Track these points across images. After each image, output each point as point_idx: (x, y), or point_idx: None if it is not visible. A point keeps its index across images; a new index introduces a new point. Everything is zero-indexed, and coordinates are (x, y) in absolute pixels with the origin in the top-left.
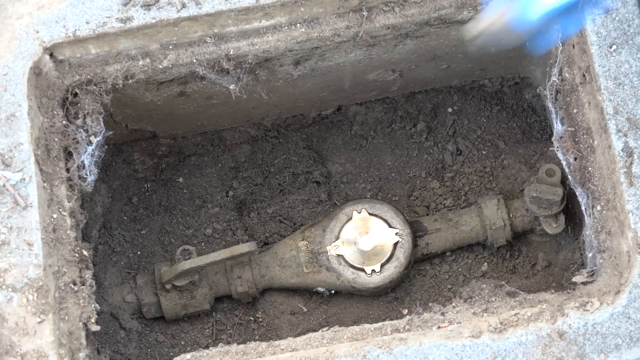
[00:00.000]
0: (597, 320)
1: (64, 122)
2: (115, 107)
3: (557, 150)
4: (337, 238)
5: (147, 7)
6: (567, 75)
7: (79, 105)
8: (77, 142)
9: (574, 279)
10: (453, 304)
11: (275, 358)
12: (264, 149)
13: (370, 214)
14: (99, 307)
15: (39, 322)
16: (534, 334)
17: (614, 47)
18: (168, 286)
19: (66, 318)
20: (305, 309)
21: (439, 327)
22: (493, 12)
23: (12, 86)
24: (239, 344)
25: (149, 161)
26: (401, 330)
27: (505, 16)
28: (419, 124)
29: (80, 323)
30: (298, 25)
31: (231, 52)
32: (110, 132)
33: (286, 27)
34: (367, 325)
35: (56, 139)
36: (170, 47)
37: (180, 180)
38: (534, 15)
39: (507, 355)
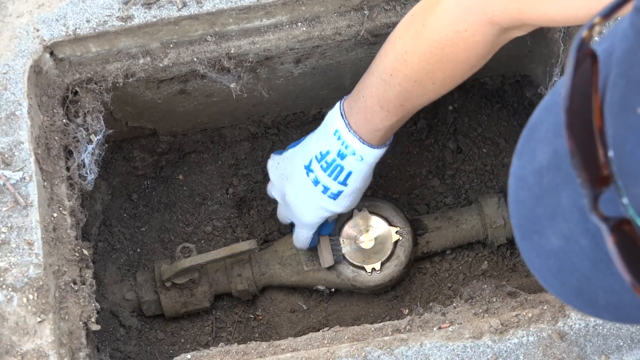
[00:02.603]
0: (598, 321)
1: (64, 120)
2: (115, 105)
3: None
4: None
5: (147, 5)
6: None
7: (79, 103)
8: (77, 141)
9: None
10: (454, 304)
11: (276, 358)
12: (264, 146)
13: (370, 212)
14: (99, 307)
15: (39, 322)
16: (535, 335)
17: None
18: (168, 284)
19: (66, 317)
20: (305, 307)
21: (439, 328)
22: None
23: (12, 85)
24: (238, 342)
25: (149, 158)
26: (402, 330)
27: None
28: (419, 122)
29: (81, 322)
30: (299, 24)
31: (232, 51)
32: (111, 130)
33: (287, 26)
34: (367, 326)
35: (56, 138)
36: (171, 45)
37: (180, 177)
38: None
39: (508, 356)
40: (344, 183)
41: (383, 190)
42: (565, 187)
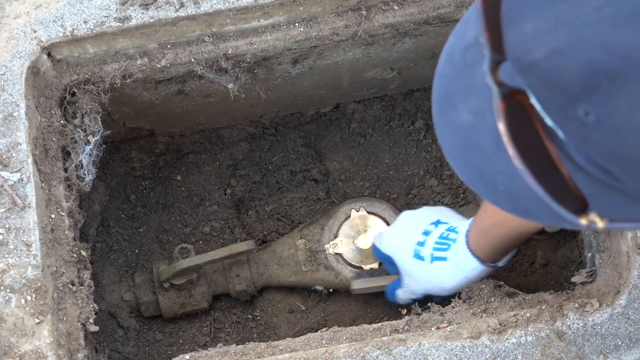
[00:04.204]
0: (596, 321)
1: (61, 121)
2: (113, 106)
3: None
4: (336, 236)
5: (145, 6)
6: None
7: (77, 104)
8: (75, 142)
9: (573, 279)
10: (452, 304)
11: (274, 358)
12: (262, 146)
13: (368, 212)
14: (97, 308)
15: (38, 323)
16: (533, 335)
17: None
18: (166, 285)
19: (65, 319)
20: (303, 308)
21: (438, 328)
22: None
23: (10, 86)
24: (237, 342)
25: (147, 159)
26: (400, 330)
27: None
28: (417, 122)
29: (79, 323)
30: (297, 24)
31: (229, 51)
32: (108, 131)
33: (285, 26)
34: (366, 326)
35: (54, 139)
36: (169, 46)
37: (178, 178)
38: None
39: (507, 356)
40: (432, 258)
41: (381, 190)
42: (483, 64)
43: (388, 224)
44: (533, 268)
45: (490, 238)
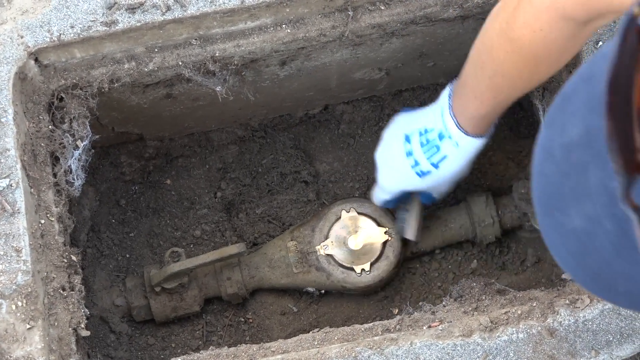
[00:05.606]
0: (587, 317)
1: (50, 127)
2: (101, 110)
3: None
4: (326, 238)
5: (131, 10)
6: None
7: (65, 109)
8: (64, 147)
9: (563, 276)
10: (443, 303)
11: None
12: (252, 149)
13: (359, 213)
14: (88, 312)
15: (29, 329)
16: (524, 332)
17: (600, 43)
18: (157, 289)
19: (56, 324)
20: (295, 309)
21: (429, 327)
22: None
23: None
24: (229, 345)
25: (136, 164)
26: (392, 330)
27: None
28: None
29: (70, 328)
30: (283, 25)
31: (217, 54)
32: (97, 136)
33: (272, 28)
34: (357, 326)
35: (42, 144)
36: (156, 49)
37: (168, 182)
38: None
39: (498, 353)
40: (435, 165)
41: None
42: (594, 167)
43: (379, 224)
44: (524, 266)
45: (489, 120)
